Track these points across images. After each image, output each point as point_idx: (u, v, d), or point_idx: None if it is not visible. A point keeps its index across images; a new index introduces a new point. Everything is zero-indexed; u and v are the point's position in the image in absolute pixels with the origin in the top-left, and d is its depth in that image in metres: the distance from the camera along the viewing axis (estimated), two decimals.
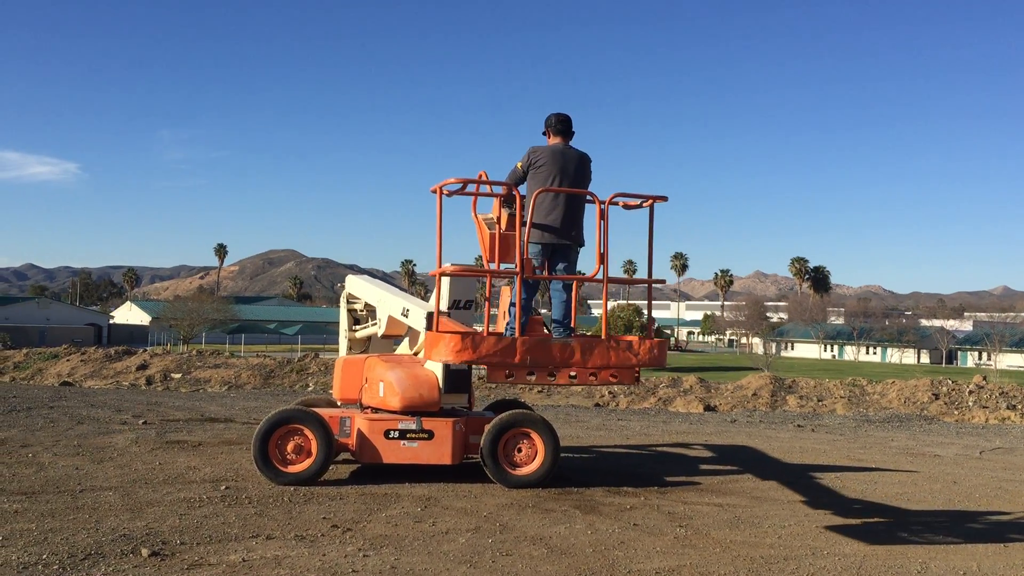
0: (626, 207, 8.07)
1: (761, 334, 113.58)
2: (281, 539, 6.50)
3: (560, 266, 7.90)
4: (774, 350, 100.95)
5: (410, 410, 8.73)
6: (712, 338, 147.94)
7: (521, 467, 8.78)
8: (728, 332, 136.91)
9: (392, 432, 8.70)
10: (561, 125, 8.03)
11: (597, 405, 21.76)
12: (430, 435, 8.73)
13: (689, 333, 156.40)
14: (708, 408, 21.57)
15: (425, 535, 6.77)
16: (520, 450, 8.82)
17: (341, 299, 11.02)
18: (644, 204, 7.94)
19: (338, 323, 11.08)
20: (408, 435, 8.71)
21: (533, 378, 7.29)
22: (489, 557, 6.26)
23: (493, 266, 8.05)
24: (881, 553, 6.81)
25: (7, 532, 6.35)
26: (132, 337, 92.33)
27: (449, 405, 9.10)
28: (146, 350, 32.76)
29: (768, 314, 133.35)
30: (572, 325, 7.85)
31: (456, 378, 9.02)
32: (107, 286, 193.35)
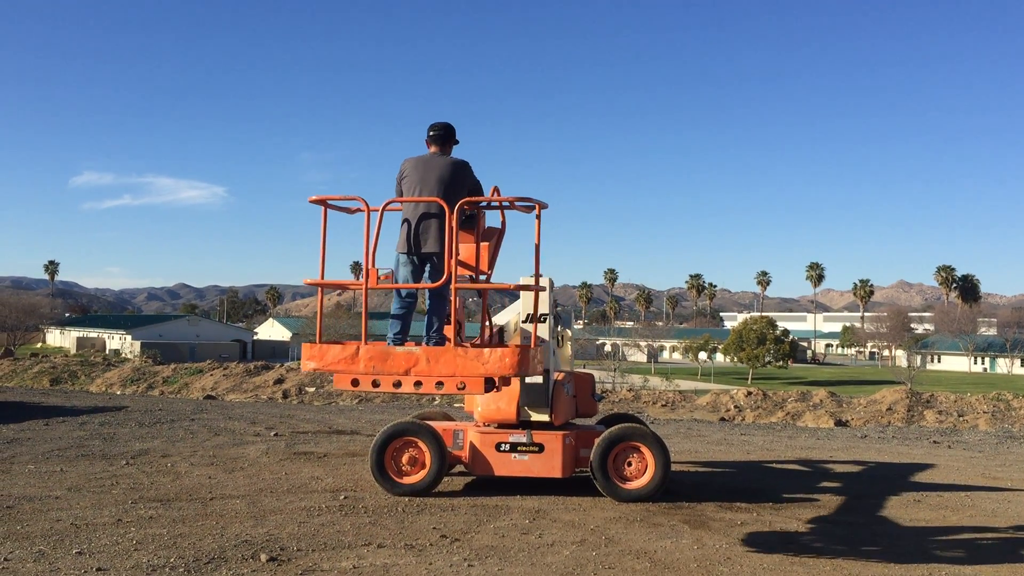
0: (525, 211, 7.96)
1: (904, 346, 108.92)
2: (391, 548, 6.75)
3: (426, 275, 7.86)
4: (919, 363, 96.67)
5: (489, 423, 9.01)
6: (852, 351, 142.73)
7: (631, 481, 8.80)
8: (869, 344, 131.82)
9: (503, 445, 8.88)
10: (434, 132, 8.03)
11: (722, 419, 21.39)
12: (540, 448, 8.87)
13: (827, 346, 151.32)
14: (839, 423, 20.86)
15: (530, 547, 6.90)
16: (630, 464, 8.84)
17: None
18: (504, 207, 7.96)
19: None
20: (519, 448, 8.87)
21: (379, 387, 7.30)
22: (591, 570, 6.33)
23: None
24: (1005, 573, 6.53)
25: (141, 536, 6.83)
26: (274, 352, 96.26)
27: (533, 418, 9.15)
28: (283, 365, 34.19)
29: (912, 325, 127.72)
30: (444, 333, 7.79)
31: (532, 392, 9.11)
32: (252, 304, 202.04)
